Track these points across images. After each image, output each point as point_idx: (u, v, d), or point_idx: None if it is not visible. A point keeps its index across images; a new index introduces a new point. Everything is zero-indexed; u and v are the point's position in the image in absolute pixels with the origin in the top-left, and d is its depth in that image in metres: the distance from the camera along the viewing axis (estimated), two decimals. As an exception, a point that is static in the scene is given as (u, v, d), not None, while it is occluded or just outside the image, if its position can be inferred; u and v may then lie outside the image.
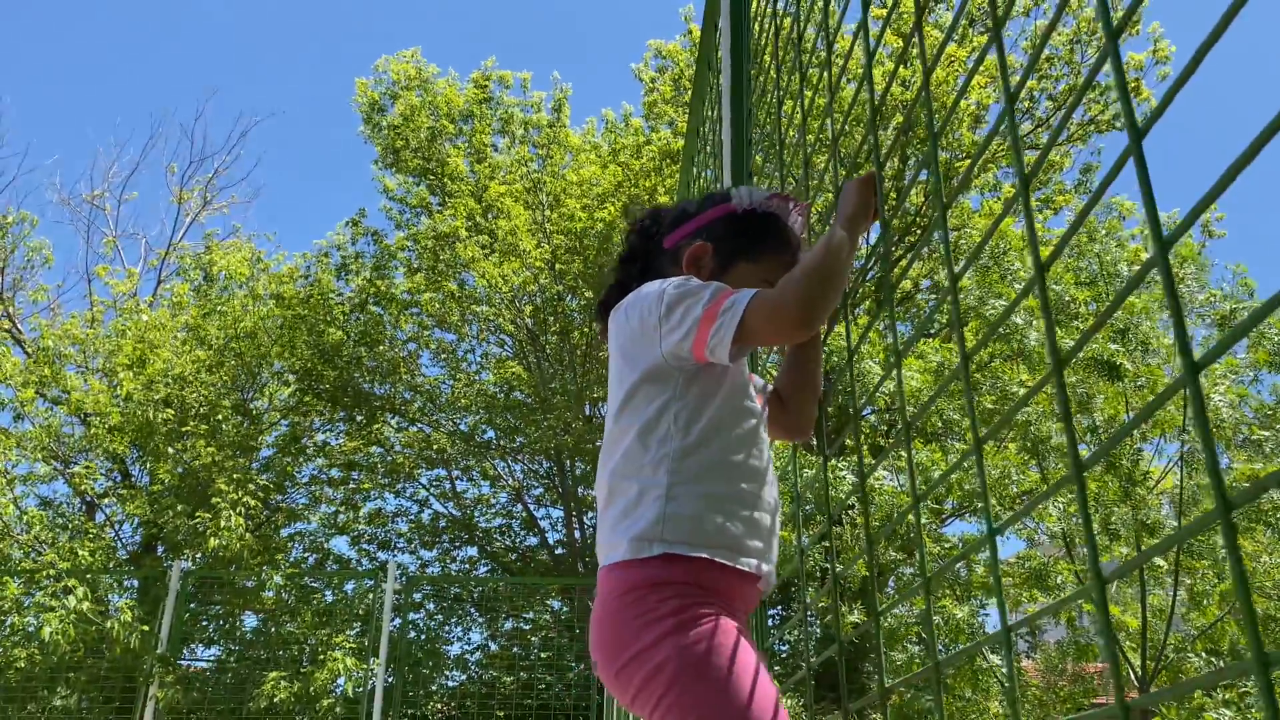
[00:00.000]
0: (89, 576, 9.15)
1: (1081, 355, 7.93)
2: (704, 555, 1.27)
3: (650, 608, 1.24)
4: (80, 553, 9.54)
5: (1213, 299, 8.55)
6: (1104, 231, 9.19)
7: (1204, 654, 8.03)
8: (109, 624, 8.45)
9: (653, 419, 1.34)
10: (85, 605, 8.36)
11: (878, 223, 1.49)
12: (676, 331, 1.32)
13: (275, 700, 8.71)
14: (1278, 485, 0.60)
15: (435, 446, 14.15)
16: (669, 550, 1.26)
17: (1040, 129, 12.14)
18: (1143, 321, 8.35)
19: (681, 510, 1.28)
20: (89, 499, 12.18)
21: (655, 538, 1.27)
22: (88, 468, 11.26)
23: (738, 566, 1.29)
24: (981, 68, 11.40)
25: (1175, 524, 7.98)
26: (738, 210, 1.55)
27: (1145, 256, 9.39)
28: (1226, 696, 8.15)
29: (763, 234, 1.55)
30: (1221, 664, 8.01)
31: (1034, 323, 8.58)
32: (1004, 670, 9.09)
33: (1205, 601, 8.10)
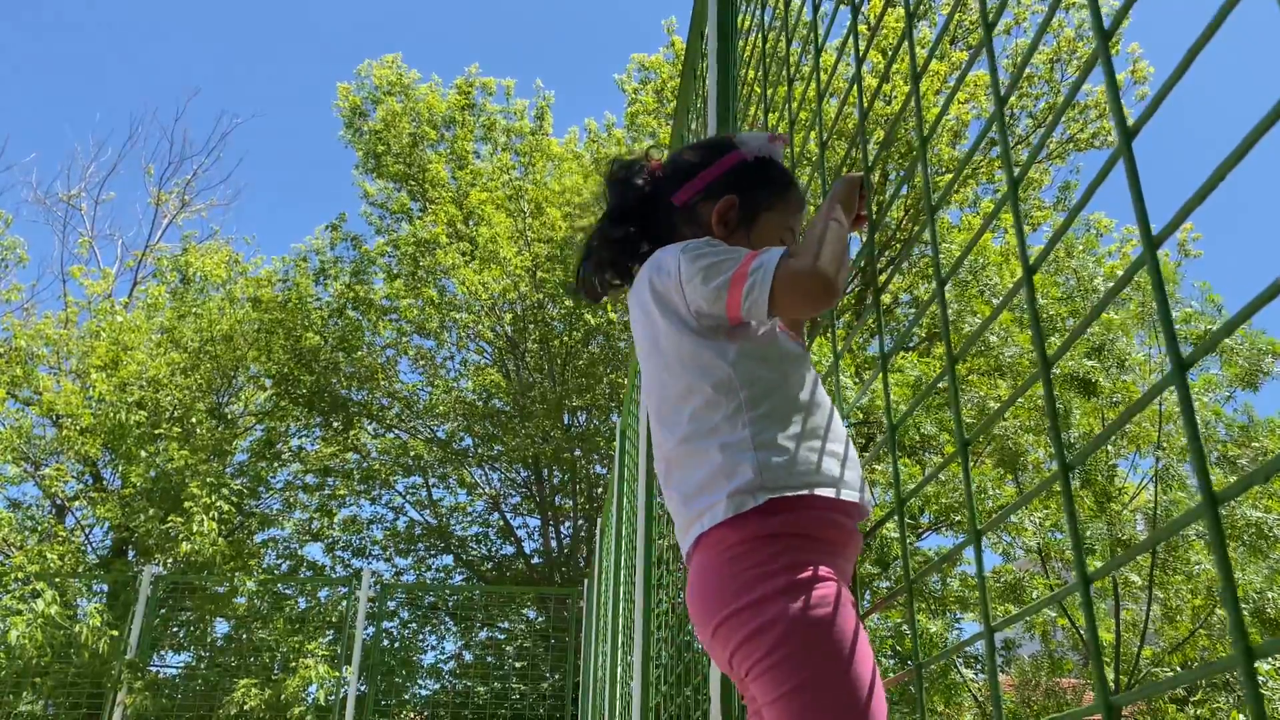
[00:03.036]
0: (58, 580, 9.04)
1: (1057, 370, 7.99)
2: (808, 493, 1.21)
3: (764, 560, 1.18)
4: (49, 556, 9.41)
5: (1188, 318, 8.63)
6: (1081, 247, 9.27)
7: (1177, 668, 8.08)
8: (77, 628, 8.35)
9: (714, 376, 1.29)
10: (53, 609, 8.25)
11: (863, 229, 1.48)
12: (705, 292, 1.28)
13: (246, 708, 8.64)
14: (1264, 481, 0.60)
15: (412, 453, 14.09)
16: (773, 496, 1.19)
17: (1020, 145, 12.25)
18: (1119, 338, 8.41)
19: (775, 456, 1.22)
20: (59, 502, 12.03)
21: (756, 488, 1.20)
22: (58, 470, 11.13)
23: (842, 498, 1.24)
24: (958, 85, 11.49)
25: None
26: (749, 159, 1.49)
27: (1121, 273, 9.46)
28: (1198, 713, 8.20)
29: (777, 180, 1.51)
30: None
31: (1010, 338, 8.63)
32: (977, 684, 9.12)
33: (1179, 616, 8.16)
